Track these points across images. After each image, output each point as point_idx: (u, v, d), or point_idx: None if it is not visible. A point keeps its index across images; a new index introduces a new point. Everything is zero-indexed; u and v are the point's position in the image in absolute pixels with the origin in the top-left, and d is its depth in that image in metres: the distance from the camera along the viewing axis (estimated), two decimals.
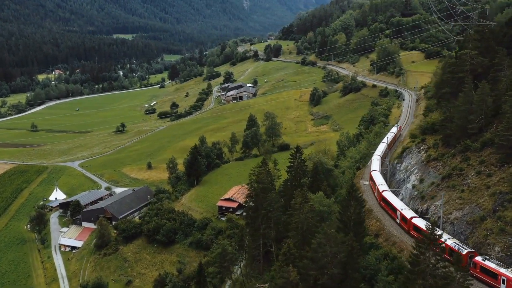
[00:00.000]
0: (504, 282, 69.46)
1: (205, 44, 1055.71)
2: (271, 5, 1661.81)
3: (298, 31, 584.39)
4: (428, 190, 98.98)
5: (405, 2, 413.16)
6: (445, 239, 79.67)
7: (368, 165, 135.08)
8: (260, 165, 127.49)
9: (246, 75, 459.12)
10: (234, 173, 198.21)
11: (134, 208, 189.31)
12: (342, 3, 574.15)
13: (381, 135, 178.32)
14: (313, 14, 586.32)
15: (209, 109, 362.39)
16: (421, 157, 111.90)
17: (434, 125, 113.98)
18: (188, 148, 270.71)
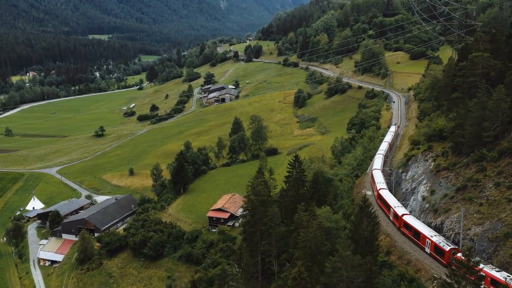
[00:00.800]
0: (490, 281, 69.79)
1: (182, 44, 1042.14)
2: (248, 5, 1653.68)
3: (278, 32, 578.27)
4: (441, 203, 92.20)
5: (386, 2, 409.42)
6: (430, 235, 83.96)
7: (368, 170, 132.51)
8: (255, 175, 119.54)
9: (227, 76, 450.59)
10: (222, 180, 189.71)
11: (118, 218, 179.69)
12: (322, 3, 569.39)
13: (375, 139, 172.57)
14: (293, 15, 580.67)
15: (190, 111, 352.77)
16: (428, 166, 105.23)
17: (442, 132, 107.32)
18: (171, 153, 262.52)
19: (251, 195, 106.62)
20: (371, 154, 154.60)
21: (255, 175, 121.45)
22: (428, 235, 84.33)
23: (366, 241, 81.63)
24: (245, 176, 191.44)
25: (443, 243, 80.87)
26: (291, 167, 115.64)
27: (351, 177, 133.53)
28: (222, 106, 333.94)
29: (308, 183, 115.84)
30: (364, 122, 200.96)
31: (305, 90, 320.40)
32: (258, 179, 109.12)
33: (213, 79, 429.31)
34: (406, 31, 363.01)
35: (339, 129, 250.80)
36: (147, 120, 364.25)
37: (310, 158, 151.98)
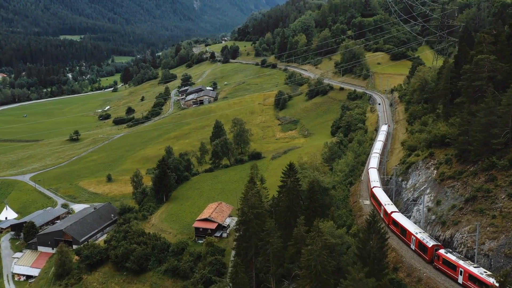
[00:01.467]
0: (461, 273, 72.60)
1: (156, 45, 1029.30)
2: (221, 5, 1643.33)
3: (254, 32, 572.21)
4: (450, 215, 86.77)
5: (364, 3, 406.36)
6: (415, 232, 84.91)
7: (364, 169, 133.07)
8: (247, 185, 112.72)
9: (204, 78, 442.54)
10: (205, 187, 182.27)
11: (97, 228, 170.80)
12: (298, 3, 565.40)
13: (364, 143, 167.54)
14: (269, 15, 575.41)
15: (168, 114, 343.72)
16: (431, 174, 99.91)
17: (444, 138, 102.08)
18: (150, 157, 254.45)
19: (245, 208, 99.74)
20: (362, 159, 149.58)
21: (247, 184, 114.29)
22: (413, 232, 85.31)
23: (374, 259, 75.68)
24: (229, 182, 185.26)
25: (426, 240, 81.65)
26: (285, 176, 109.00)
27: (344, 184, 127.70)
28: (201, 109, 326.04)
29: (304, 193, 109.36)
30: (350, 125, 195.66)
31: (285, 92, 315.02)
32: (251, 190, 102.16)
33: (190, 81, 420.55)
34: (385, 32, 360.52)
35: (322, 132, 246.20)
36: (123, 123, 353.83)
37: (299, 164, 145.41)
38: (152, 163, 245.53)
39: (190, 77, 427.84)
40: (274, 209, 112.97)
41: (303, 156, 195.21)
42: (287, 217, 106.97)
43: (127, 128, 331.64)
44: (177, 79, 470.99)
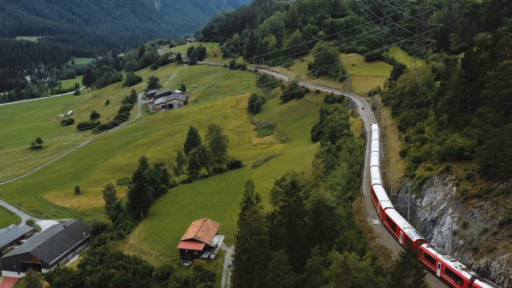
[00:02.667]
0: (439, 266, 75.34)
1: (118, 46, 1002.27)
2: (183, 5, 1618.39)
3: (220, 33, 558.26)
4: (482, 240, 76.90)
5: (334, 3, 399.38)
6: (403, 227, 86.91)
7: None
8: (243, 204, 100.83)
9: (171, 80, 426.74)
10: (185, 200, 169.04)
11: (68, 249, 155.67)
12: (265, 3, 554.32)
13: (355, 150, 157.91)
14: (235, 15, 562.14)
15: (136, 119, 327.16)
16: (449, 191, 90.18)
17: (463, 151, 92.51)
18: (120, 166, 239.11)
19: (246, 234, 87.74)
20: (356, 169, 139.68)
21: (243, 205, 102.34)
22: (401, 227, 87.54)
23: None
24: (210, 194, 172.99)
25: (412, 234, 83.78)
26: (287, 195, 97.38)
27: (344, 199, 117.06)
28: (171, 113, 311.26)
29: (307, 213, 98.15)
30: (335, 131, 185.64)
31: (258, 95, 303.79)
32: (253, 214, 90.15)
33: (158, 84, 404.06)
34: (357, 32, 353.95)
35: (301, 136, 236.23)
36: (88, 128, 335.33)
37: (291, 175, 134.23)
38: (122, 173, 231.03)
39: (158, 80, 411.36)
40: (274, 231, 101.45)
41: (285, 164, 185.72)
42: (289, 240, 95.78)
43: (93, 135, 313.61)
44: (142, 82, 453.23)
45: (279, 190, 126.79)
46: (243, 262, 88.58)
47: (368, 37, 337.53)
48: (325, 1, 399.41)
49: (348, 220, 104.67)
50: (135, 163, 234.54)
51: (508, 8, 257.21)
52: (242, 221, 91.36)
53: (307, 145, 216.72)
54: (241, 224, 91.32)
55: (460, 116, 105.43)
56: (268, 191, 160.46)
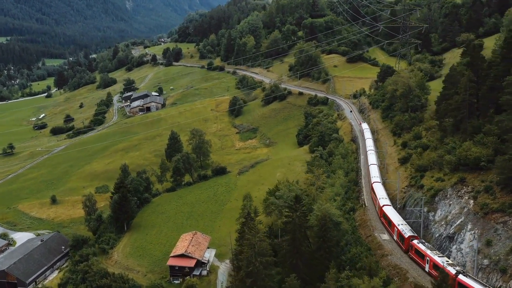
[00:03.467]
0: (428, 262, 77.76)
1: (89, 47, 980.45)
2: (155, 6, 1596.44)
3: (196, 33, 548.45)
4: (510, 260, 70.72)
5: (312, 3, 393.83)
6: (398, 224, 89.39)
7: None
8: (242, 220, 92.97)
9: (147, 82, 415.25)
10: (170, 211, 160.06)
11: (46, 265, 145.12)
12: (240, 4, 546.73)
13: (348, 156, 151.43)
14: (211, 15, 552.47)
15: (113, 123, 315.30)
16: (466, 204, 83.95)
17: (479, 161, 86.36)
18: (98, 173, 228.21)
19: (251, 256, 79.90)
20: (352, 177, 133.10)
21: (242, 220, 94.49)
22: (396, 224, 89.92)
23: None
24: (197, 203, 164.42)
25: (405, 231, 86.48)
26: (290, 210, 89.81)
27: (345, 211, 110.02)
28: (149, 116, 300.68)
29: (312, 229, 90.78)
30: (324, 135, 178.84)
31: (239, 97, 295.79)
32: (257, 234, 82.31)
33: (134, 86, 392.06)
34: (336, 33, 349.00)
35: (285, 140, 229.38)
36: (62, 133, 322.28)
37: (285, 184, 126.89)
38: (100, 180, 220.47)
39: (134, 82, 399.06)
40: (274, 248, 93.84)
41: (273, 170, 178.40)
42: (293, 258, 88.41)
43: (68, 140, 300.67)
44: (117, 84, 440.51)
45: (274, 201, 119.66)
46: (247, 286, 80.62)
47: (348, 38, 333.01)
48: (303, 1, 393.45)
49: (353, 235, 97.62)
50: (114, 169, 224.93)
51: (489, 8, 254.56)
52: (245, 242, 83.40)
53: (293, 149, 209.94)
54: (245, 245, 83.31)
55: (468, 122, 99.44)
56: (257, 199, 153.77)
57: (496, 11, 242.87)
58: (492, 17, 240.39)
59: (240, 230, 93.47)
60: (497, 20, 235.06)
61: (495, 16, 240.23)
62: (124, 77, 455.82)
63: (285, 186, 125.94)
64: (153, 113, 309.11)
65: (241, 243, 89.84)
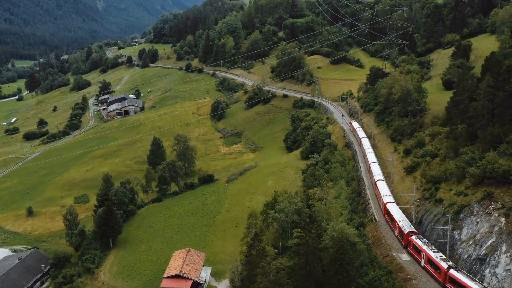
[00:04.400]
0: (424, 257, 79.09)
1: (60, 48, 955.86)
2: (127, 6, 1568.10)
3: (172, 34, 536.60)
4: None
5: (291, 3, 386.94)
6: (399, 220, 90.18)
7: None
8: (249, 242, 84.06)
9: (124, 84, 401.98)
10: (158, 224, 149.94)
11: (25, 286, 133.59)
12: (217, 4, 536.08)
13: (346, 164, 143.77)
14: (187, 16, 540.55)
15: (90, 127, 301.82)
16: (496, 222, 76.64)
17: (508, 174, 79.18)
18: (76, 182, 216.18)
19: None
20: (354, 187, 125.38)
21: (248, 241, 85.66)
22: (397, 220, 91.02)
23: None
24: (185, 215, 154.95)
25: (405, 227, 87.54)
26: (303, 230, 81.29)
27: (354, 226, 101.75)
28: (127, 120, 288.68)
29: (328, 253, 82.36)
30: (316, 141, 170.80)
31: (219, 99, 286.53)
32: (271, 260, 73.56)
33: (110, 88, 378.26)
34: (318, 34, 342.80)
35: (271, 145, 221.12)
36: (36, 138, 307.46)
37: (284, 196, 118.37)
38: (79, 189, 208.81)
39: (110, 84, 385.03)
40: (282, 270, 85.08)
41: (264, 178, 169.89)
42: (306, 284, 79.97)
43: (42, 145, 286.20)
44: (92, 86, 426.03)
45: (274, 216, 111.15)
46: None
47: (330, 39, 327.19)
48: (282, 1, 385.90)
49: (368, 254, 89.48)
50: (93, 177, 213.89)
51: (471, 8, 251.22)
52: (259, 270, 74.33)
53: (282, 154, 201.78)
54: (258, 274, 74.26)
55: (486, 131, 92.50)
56: (250, 210, 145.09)
57: (479, 12, 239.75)
58: (476, 18, 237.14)
59: (247, 253, 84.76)
60: (481, 20, 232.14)
61: (478, 16, 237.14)
62: (99, 79, 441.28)
63: (284, 198, 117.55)
64: (131, 117, 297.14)
65: (249, 268, 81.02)
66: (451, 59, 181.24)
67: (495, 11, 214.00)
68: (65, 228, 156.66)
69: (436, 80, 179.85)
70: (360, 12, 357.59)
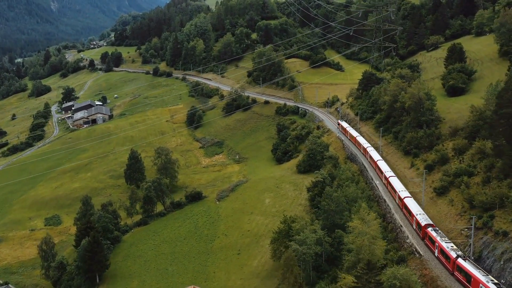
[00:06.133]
0: (437, 247, 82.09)
1: (14, 51, 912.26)
2: (81, 7, 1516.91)
3: (134, 36, 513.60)
4: None
5: (262, 5, 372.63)
6: (416, 213, 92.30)
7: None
8: None
9: (87, 90, 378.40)
10: (149, 253, 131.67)
11: None
12: (181, 5, 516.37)
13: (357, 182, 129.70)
14: (150, 18, 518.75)
15: (55, 138, 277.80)
16: None
17: None
18: (45, 200, 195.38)
19: None
20: (376, 210, 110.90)
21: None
22: (414, 213, 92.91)
23: None
24: (177, 240, 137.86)
25: (421, 220, 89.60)
26: (359, 280, 66.12)
27: (393, 261, 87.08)
28: (96, 130, 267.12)
29: None
30: (315, 154, 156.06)
31: (193, 105, 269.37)
32: None
33: (74, 94, 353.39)
34: (291, 36, 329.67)
35: (257, 156, 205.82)
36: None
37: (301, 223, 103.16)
38: (49, 209, 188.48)
39: (73, 90, 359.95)
40: None
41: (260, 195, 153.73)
42: None
43: (3, 158, 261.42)
44: (52, 92, 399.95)
45: (296, 249, 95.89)
46: None
47: (304, 41, 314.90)
48: (253, 3, 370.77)
49: None
50: (64, 195, 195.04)
51: (450, 10, 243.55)
52: None
53: (271, 167, 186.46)
54: None
55: None
56: (251, 234, 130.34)
57: (459, 13, 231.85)
58: (458, 19, 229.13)
59: None
60: (462, 22, 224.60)
61: (460, 17, 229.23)
62: (60, 84, 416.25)
63: (301, 226, 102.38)
64: (100, 126, 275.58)
65: None
66: (445, 63, 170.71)
67: (481, 12, 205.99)
68: (41, 260, 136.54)
69: (431, 85, 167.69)
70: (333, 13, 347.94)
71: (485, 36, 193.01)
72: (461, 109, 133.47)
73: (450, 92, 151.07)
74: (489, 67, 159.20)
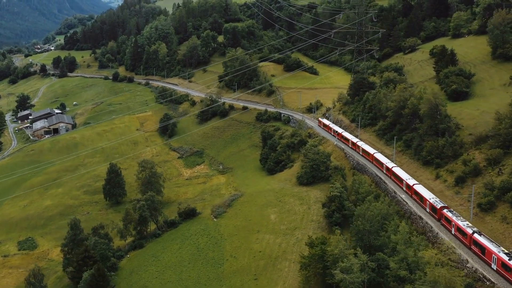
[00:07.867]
0: (453, 226, 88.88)
1: None
2: (20, 9, 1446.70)
3: (86, 40, 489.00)
4: None
5: (225, 7, 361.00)
6: (429, 198, 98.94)
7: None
8: None
9: (42, 97, 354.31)
10: (152, 281, 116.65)
11: None
12: (134, 7, 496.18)
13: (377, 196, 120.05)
14: (102, 20, 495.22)
15: (15, 150, 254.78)
16: None
17: None
18: (14, 221, 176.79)
19: None
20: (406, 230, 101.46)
21: None
22: (427, 198, 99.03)
23: None
24: (180, 265, 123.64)
25: (436, 202, 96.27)
26: None
27: None
28: (60, 141, 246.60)
29: None
30: (319, 165, 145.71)
31: (162, 112, 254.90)
32: None
33: (29, 102, 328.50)
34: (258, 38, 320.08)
35: (243, 165, 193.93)
36: None
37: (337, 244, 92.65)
38: (21, 230, 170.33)
39: (29, 97, 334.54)
40: None
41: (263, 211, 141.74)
42: None
43: None
44: (2, 99, 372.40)
45: (343, 278, 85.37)
46: None
47: (268, 42, 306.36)
48: (215, 5, 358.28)
49: None
50: (36, 214, 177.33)
51: (421, 11, 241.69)
52: None
53: (262, 177, 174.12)
54: None
55: None
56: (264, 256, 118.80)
57: (431, 15, 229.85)
58: (431, 21, 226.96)
59: None
60: (436, 24, 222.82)
61: (433, 19, 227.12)
62: (9, 91, 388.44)
63: (340, 250, 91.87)
64: (64, 136, 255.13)
65: None
66: (435, 66, 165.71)
67: (458, 14, 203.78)
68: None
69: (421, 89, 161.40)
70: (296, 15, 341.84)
71: (464, 38, 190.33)
72: (475, 115, 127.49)
73: (453, 97, 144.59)
74: (485, 70, 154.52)
